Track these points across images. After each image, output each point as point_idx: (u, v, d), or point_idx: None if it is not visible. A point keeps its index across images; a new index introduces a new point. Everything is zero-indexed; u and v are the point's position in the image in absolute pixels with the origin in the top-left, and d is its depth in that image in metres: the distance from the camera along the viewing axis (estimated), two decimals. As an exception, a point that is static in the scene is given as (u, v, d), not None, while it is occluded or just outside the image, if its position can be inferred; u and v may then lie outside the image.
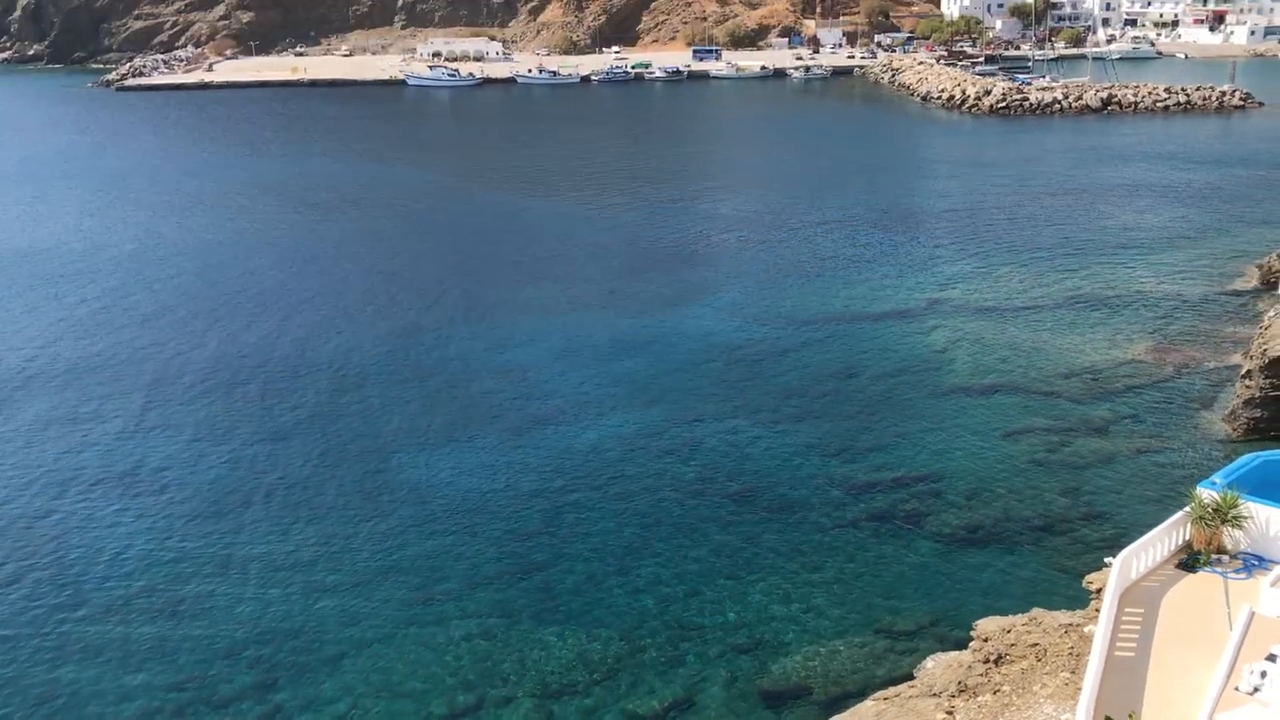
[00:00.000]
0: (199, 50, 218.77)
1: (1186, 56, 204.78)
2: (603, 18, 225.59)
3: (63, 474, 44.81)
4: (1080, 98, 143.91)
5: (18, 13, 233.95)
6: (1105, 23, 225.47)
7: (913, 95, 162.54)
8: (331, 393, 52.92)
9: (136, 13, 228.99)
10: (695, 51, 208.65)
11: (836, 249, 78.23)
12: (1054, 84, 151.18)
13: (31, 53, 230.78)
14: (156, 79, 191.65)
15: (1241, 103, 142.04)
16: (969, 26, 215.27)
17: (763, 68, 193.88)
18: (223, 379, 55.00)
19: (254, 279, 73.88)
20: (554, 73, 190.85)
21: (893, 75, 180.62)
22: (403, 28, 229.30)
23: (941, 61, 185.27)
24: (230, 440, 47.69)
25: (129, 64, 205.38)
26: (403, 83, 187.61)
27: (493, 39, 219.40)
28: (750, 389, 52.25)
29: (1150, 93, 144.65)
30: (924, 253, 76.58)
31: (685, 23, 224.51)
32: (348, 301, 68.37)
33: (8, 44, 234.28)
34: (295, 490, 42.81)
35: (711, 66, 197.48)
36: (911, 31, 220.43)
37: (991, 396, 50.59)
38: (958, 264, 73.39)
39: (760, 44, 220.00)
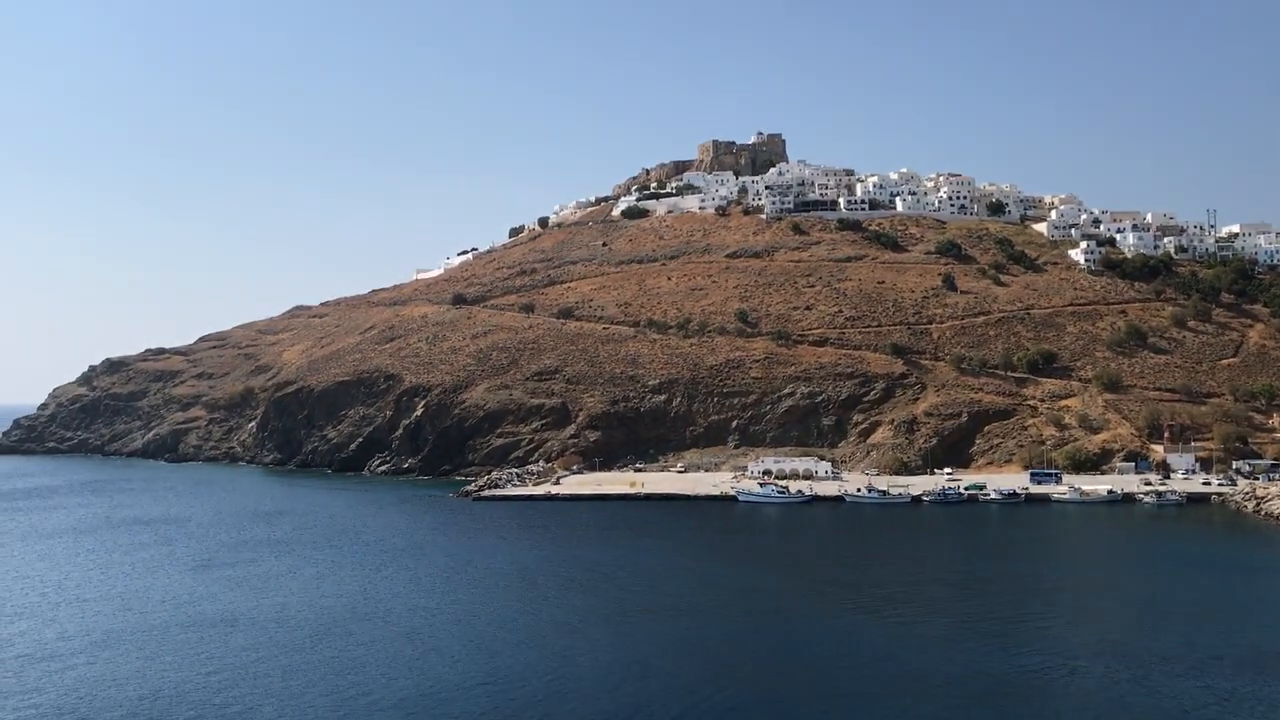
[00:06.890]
0: (549, 465, 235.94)
1: None
2: (934, 440, 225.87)
3: None
4: None
5: (399, 431, 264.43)
6: None
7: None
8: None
9: (499, 431, 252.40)
10: (1033, 474, 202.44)
11: (1206, 699, 68.50)
12: None
13: (406, 465, 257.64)
14: (509, 490, 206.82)
15: None
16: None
17: (1110, 492, 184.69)
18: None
19: (574, 677, 73.40)
20: (883, 492, 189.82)
21: (1258, 504, 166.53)
22: (735, 446, 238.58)
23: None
24: None
25: (486, 477, 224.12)
26: (734, 498, 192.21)
27: (821, 458, 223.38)
28: None
29: None
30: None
31: (1021, 446, 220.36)
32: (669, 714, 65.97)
33: (388, 458, 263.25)
34: None
35: (1052, 490, 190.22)
36: (1276, 458, 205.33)
37: None
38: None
39: (1104, 468, 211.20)
